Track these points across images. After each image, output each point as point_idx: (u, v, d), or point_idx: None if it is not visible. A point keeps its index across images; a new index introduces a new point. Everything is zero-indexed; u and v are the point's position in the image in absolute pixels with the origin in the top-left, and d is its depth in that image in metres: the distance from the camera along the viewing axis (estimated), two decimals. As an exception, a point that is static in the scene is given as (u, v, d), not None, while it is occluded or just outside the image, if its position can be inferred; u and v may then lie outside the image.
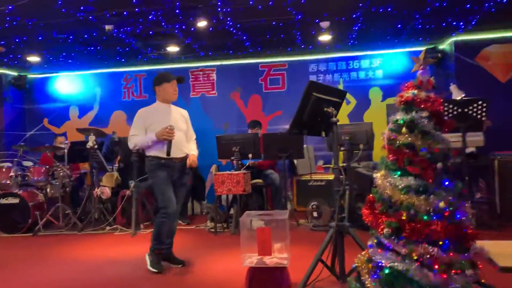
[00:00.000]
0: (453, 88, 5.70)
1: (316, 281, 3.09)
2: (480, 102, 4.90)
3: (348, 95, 7.57)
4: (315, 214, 5.51)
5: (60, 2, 4.33)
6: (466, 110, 4.93)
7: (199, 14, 4.79)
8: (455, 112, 4.97)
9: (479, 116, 4.93)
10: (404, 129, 2.33)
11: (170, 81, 3.90)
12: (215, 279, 3.50)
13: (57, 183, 6.25)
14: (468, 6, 4.93)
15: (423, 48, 7.16)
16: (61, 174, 6.27)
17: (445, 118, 2.37)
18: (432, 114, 2.34)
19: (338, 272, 3.06)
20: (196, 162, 3.98)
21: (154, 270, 3.71)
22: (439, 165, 2.27)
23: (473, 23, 5.74)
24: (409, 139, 2.31)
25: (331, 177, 6.38)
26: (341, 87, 7.62)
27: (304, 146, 6.18)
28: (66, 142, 6.65)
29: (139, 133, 3.79)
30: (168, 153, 3.70)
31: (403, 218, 2.23)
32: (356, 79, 7.66)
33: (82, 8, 4.42)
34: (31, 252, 4.82)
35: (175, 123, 3.81)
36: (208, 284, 3.38)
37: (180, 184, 3.91)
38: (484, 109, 4.90)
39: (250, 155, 5.56)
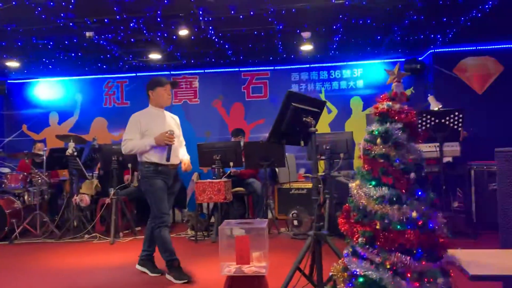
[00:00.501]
0: (430, 99, 5.82)
1: (294, 290, 3.11)
2: (456, 113, 5.01)
3: (329, 104, 7.68)
4: (295, 222, 5.54)
5: (40, 9, 4.30)
6: (443, 120, 5.03)
7: (181, 23, 4.81)
8: (432, 123, 5.07)
9: (455, 127, 5.04)
10: (378, 140, 2.38)
11: (163, 85, 3.86)
12: (194, 286, 3.49)
13: (35, 190, 6.15)
14: (445, 19, 5.06)
15: (402, 59, 7.33)
16: (39, 181, 6.17)
17: (419, 129, 2.41)
18: (406, 125, 2.38)
19: (316, 281, 3.08)
20: (191, 166, 3.96)
21: (182, 281, 3.61)
22: (412, 175, 2.32)
23: (450, 35, 5.89)
24: (384, 150, 2.35)
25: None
26: (323, 96, 7.71)
27: (286, 154, 6.23)
28: (45, 149, 6.56)
29: (134, 137, 3.73)
30: (168, 159, 3.67)
31: (377, 227, 2.26)
32: (338, 89, 7.76)
33: (62, 14, 4.40)
34: (7, 260, 4.72)
35: (170, 128, 3.78)
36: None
37: (171, 192, 3.90)
38: (460, 120, 5.01)
39: (231, 163, 5.57)
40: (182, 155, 3.98)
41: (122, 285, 3.64)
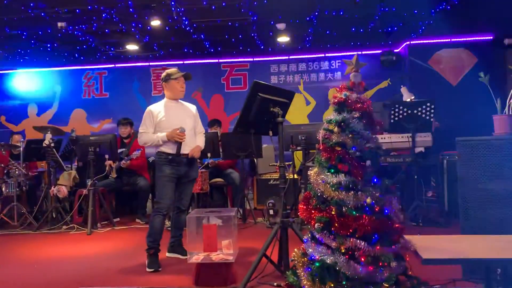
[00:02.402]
0: (403, 90, 5.92)
1: (261, 276, 3.19)
2: (428, 104, 5.12)
3: (308, 96, 7.75)
4: (271, 212, 5.61)
5: (7, -2, 4.27)
6: (415, 111, 5.13)
7: (153, 13, 4.81)
8: (404, 114, 5.17)
9: (427, 117, 5.15)
10: (336, 129, 2.45)
11: (176, 78, 3.94)
12: (165, 275, 3.55)
13: (12, 182, 6.12)
14: (416, 12, 5.14)
15: (379, 51, 7.41)
16: (16, 172, 6.14)
17: (375, 118, 2.48)
18: (363, 114, 2.46)
19: (283, 267, 3.16)
20: (198, 153, 4.01)
21: (150, 270, 3.69)
22: (368, 163, 2.39)
23: (423, 28, 5.98)
24: (341, 138, 2.42)
25: (290, 176, 6.50)
26: (301, 88, 7.78)
27: (264, 145, 6.29)
28: (22, 140, 6.52)
29: (149, 130, 3.86)
30: (178, 153, 3.79)
31: (333, 213, 2.34)
32: (316, 81, 7.83)
33: (32, 4, 4.37)
34: (-18, 251, 4.73)
35: (183, 121, 3.89)
36: (157, 280, 3.41)
37: (187, 180, 3.97)
38: (432, 111, 5.12)
39: (209, 154, 5.61)
40: (196, 142, 4.07)
41: (98, 274, 3.67)
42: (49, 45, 6.26)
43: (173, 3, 4.54)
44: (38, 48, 6.40)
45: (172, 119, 3.86)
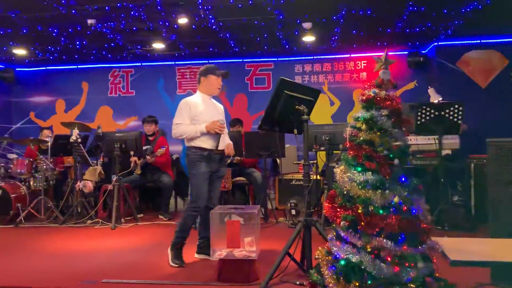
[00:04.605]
0: (430, 91, 5.81)
1: (283, 275, 3.17)
2: (456, 106, 5.00)
3: (332, 96, 7.70)
4: (293, 212, 5.59)
5: (41, -5, 4.39)
6: (442, 113, 5.02)
7: (181, 11, 4.85)
8: (431, 115, 5.07)
9: (455, 120, 5.04)
10: (363, 126, 2.42)
11: (217, 74, 3.91)
12: (189, 270, 3.57)
13: (40, 176, 6.27)
14: (445, 11, 5.04)
15: (406, 52, 7.30)
16: (44, 167, 6.29)
17: (403, 116, 2.44)
18: (392, 112, 2.42)
19: (306, 266, 3.14)
20: (233, 150, 4.01)
21: (175, 264, 3.69)
22: (396, 161, 2.35)
23: (452, 28, 5.86)
24: (368, 136, 2.39)
25: (313, 176, 6.46)
26: (326, 88, 7.73)
27: (287, 145, 6.27)
28: (50, 135, 6.67)
29: (185, 122, 3.78)
30: (217, 147, 3.76)
31: (359, 211, 2.31)
32: (341, 81, 7.77)
33: (63, 1, 4.47)
34: (12, 243, 4.85)
35: (216, 118, 3.84)
36: (181, 275, 3.44)
37: (217, 176, 3.93)
38: (460, 113, 5.00)
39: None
40: (226, 140, 4.06)
41: (121, 267, 3.73)
42: (78, 43, 6.40)
43: (200, 0, 4.57)
44: (67, 45, 6.54)
45: (209, 114, 3.83)
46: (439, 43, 6.81)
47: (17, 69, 8.39)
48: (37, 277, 3.51)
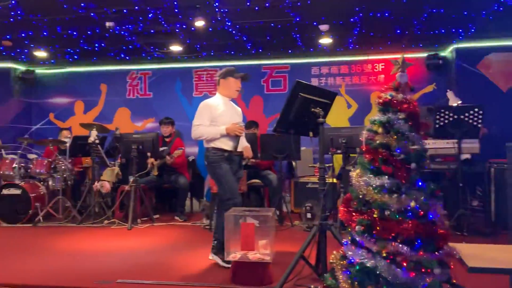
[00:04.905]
0: (449, 94, 5.71)
1: (298, 278, 3.15)
2: (476, 109, 4.91)
3: (349, 99, 7.64)
4: (308, 215, 5.56)
5: (61, -2, 4.47)
6: (462, 116, 4.93)
7: (197, 14, 4.89)
8: (450, 119, 4.98)
9: (475, 123, 4.94)
10: (380, 129, 2.39)
11: (236, 77, 3.93)
12: (203, 272, 3.57)
13: (59, 176, 6.36)
14: (466, 13, 4.96)
15: (425, 55, 7.20)
16: (62, 167, 6.38)
17: (420, 120, 2.40)
18: (409, 115, 2.38)
19: (321, 270, 3.11)
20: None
21: (228, 265, 3.55)
22: (413, 165, 2.32)
23: (472, 30, 5.76)
24: (385, 139, 2.35)
25: (329, 179, 6.41)
26: (343, 90, 7.67)
27: (302, 148, 6.24)
28: (69, 136, 6.77)
29: (204, 123, 3.80)
30: (236, 148, 3.80)
31: (375, 216, 2.28)
32: (358, 83, 7.70)
33: (83, 4, 4.55)
34: (30, 241, 4.94)
35: (235, 120, 3.88)
36: (195, 277, 3.45)
37: (236, 178, 3.95)
38: (480, 116, 4.91)
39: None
40: (243, 143, 4.10)
41: (136, 268, 3.75)
42: (97, 45, 6.49)
43: (217, 3, 4.60)
44: (86, 48, 6.64)
45: (229, 116, 3.86)
46: (459, 46, 6.69)
47: (37, 70, 8.55)
48: (53, 276, 3.56)
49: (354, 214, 2.40)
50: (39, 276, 3.54)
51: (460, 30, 5.84)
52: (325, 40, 6.38)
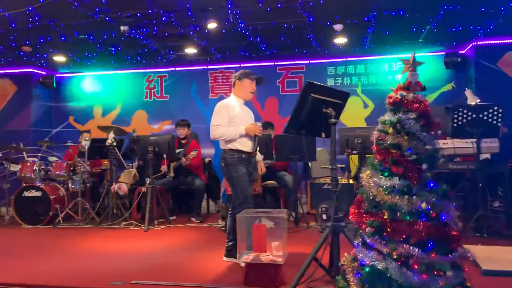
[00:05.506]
0: (467, 93, 5.60)
1: (310, 280, 3.13)
2: (495, 108, 4.79)
3: (366, 99, 7.56)
4: (324, 216, 5.52)
5: (77, 4, 4.54)
6: (481, 115, 4.83)
7: (210, 16, 4.91)
8: (469, 118, 4.87)
9: (494, 122, 4.83)
10: (390, 130, 2.36)
11: (251, 79, 3.97)
12: (214, 273, 3.58)
13: (78, 179, 6.47)
14: (483, 9, 4.85)
15: (443, 53, 7.08)
16: (81, 169, 6.49)
17: (432, 119, 2.35)
18: (420, 115, 2.34)
19: (333, 272, 3.08)
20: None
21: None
22: (425, 166, 2.28)
23: (491, 26, 5.62)
24: (396, 140, 2.32)
25: (345, 180, 6.36)
26: (359, 90, 7.60)
27: (318, 149, 6.20)
28: (87, 139, 6.88)
29: (224, 124, 3.82)
30: (253, 149, 3.83)
31: (386, 217, 2.25)
32: (375, 83, 7.62)
33: (97, 9, 4.62)
34: (50, 242, 5.04)
35: (249, 122, 3.91)
36: (208, 278, 3.46)
37: (251, 180, 3.98)
38: (500, 115, 4.79)
39: (262, 156, 5.62)
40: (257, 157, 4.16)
41: (152, 268, 3.79)
42: (113, 49, 6.59)
43: (229, 5, 4.61)
44: (103, 52, 6.74)
45: (245, 117, 3.90)
46: (478, 43, 6.55)
47: (57, 75, 8.72)
48: (69, 276, 3.61)
49: (364, 215, 2.38)
50: (56, 276, 3.60)
51: (479, 27, 5.71)
52: (340, 40, 6.33)
